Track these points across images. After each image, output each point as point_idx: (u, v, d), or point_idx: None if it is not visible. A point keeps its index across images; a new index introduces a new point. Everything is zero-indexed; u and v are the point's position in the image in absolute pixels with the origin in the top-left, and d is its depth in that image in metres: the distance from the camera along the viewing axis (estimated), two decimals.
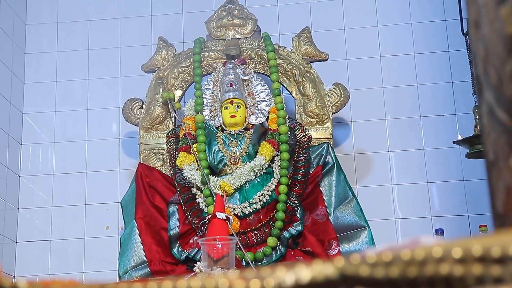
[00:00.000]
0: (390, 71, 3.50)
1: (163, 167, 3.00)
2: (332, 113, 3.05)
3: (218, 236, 1.52)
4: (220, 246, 1.39)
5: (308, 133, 2.93)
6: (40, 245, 3.39)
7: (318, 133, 3.00)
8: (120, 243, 2.90)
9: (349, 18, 3.60)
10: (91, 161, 3.52)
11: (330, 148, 2.92)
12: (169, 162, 2.95)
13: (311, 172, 2.85)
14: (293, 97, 3.08)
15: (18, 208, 3.44)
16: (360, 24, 3.58)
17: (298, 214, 2.78)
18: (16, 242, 3.39)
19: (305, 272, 0.42)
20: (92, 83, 3.64)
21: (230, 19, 3.15)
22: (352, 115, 3.43)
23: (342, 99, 3.05)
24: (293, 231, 2.70)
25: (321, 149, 2.91)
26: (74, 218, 3.43)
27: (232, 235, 2.32)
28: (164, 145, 3.01)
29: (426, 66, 3.47)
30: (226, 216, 2.04)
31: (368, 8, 3.60)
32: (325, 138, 3.00)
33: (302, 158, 2.85)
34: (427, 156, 3.35)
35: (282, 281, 0.43)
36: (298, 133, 2.92)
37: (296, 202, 2.76)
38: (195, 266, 2.51)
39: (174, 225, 2.78)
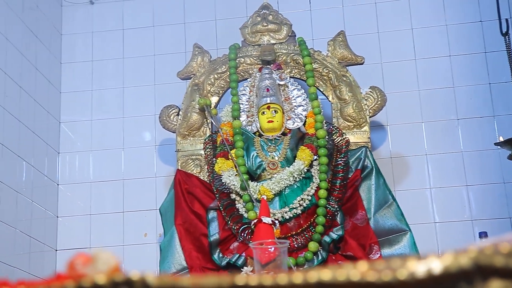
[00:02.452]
0: (426, 74, 3.47)
1: (201, 173, 3.00)
2: (370, 117, 3.03)
3: (267, 240, 1.51)
4: (272, 250, 1.39)
5: (346, 137, 2.91)
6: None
7: (355, 137, 2.98)
8: (160, 250, 2.90)
9: (383, 21, 3.58)
10: (127, 168, 3.54)
11: (368, 152, 2.90)
12: (207, 168, 2.95)
13: (350, 176, 2.83)
14: (329, 101, 3.07)
15: (57, 216, 3.47)
16: (394, 27, 3.56)
17: (338, 219, 2.76)
18: (56, 250, 3.42)
19: (438, 262, 0.41)
20: (127, 91, 3.67)
21: (264, 24, 3.15)
22: (388, 119, 3.41)
23: (379, 102, 3.03)
24: (334, 236, 2.68)
25: (359, 153, 2.89)
26: (112, 225, 3.45)
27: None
28: (202, 152, 3.02)
29: (463, 68, 3.44)
30: (272, 221, 2.03)
31: (402, 11, 3.58)
32: (363, 142, 2.98)
33: (340, 162, 2.83)
34: (466, 158, 3.31)
35: (414, 272, 0.42)
36: (335, 137, 2.91)
37: (336, 206, 2.75)
38: (242, 271, 2.50)
39: (214, 231, 2.78)
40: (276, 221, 2.24)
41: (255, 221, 2.20)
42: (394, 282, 0.43)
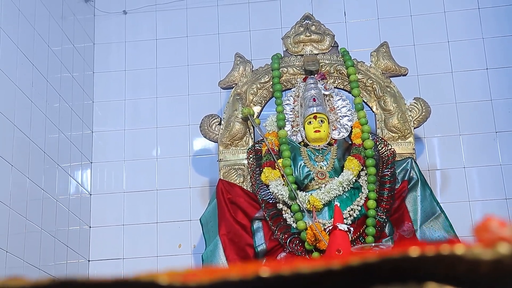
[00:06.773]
0: (463, 87, 3.47)
1: (244, 183, 2.97)
2: (414, 128, 3.01)
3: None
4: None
5: (391, 148, 2.89)
6: (113, 263, 3.37)
7: (400, 148, 2.96)
8: (202, 260, 2.86)
9: (419, 34, 3.58)
10: (161, 179, 3.51)
11: (414, 163, 2.89)
12: (250, 178, 2.92)
13: (397, 187, 2.81)
14: (373, 112, 3.06)
15: (90, 227, 3.43)
16: (430, 40, 3.56)
17: (387, 230, 2.74)
18: (89, 261, 3.37)
19: None
20: (161, 101, 3.64)
21: (308, 34, 3.14)
22: (425, 131, 3.39)
23: (423, 113, 3.02)
24: (384, 247, 2.65)
25: (405, 164, 2.88)
26: (145, 236, 3.41)
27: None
28: (245, 161, 2.98)
29: (500, 80, 3.44)
30: (347, 227, 2.01)
31: (438, 24, 3.58)
32: (408, 153, 2.96)
33: (387, 173, 2.82)
34: (505, 172, 3.30)
35: None
36: (380, 147, 2.89)
37: (384, 217, 2.73)
38: None
39: (260, 241, 2.75)
40: (352, 228, 2.21)
41: (330, 227, 2.17)
42: None
